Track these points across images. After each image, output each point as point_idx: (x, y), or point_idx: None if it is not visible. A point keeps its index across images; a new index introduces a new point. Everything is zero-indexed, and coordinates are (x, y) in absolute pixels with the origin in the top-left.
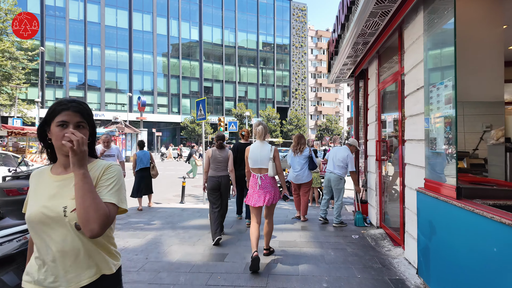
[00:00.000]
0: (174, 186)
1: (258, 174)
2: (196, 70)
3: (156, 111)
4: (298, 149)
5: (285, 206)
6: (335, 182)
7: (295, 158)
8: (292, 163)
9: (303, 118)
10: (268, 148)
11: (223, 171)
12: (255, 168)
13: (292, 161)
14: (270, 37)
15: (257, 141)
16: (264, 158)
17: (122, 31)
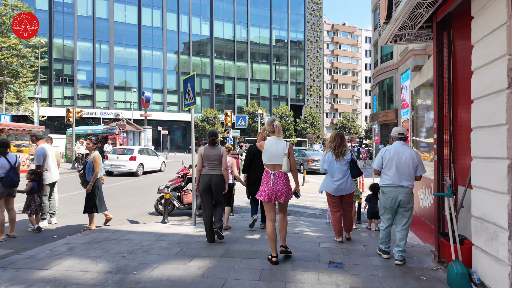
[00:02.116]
0: None
1: (272, 171)
2: (207, 67)
3: (166, 109)
4: (340, 152)
5: (308, 232)
6: (406, 199)
7: (335, 164)
8: (331, 169)
9: (318, 116)
10: (283, 144)
11: (215, 169)
12: (269, 164)
13: (331, 167)
14: (283, 32)
15: (272, 137)
16: (279, 154)
17: (131, 27)
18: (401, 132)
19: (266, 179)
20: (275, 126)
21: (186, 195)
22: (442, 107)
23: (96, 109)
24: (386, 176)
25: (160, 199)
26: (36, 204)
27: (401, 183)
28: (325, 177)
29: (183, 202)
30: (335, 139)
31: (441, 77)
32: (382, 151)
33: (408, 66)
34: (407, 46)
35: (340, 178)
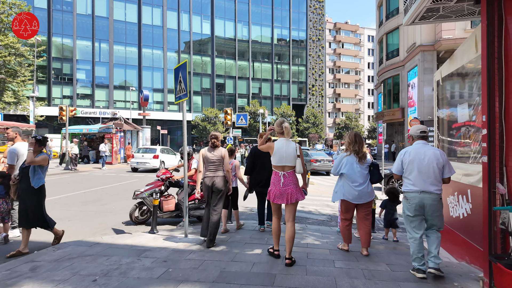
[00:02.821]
0: None
1: (281, 172)
2: (208, 66)
3: (167, 109)
4: (364, 155)
5: (318, 244)
6: (433, 207)
7: (357, 167)
8: (351, 173)
9: (321, 116)
10: (293, 146)
11: (216, 171)
12: (279, 166)
13: (351, 171)
14: (285, 31)
15: (281, 138)
16: (290, 155)
17: (131, 25)
18: (423, 130)
19: (276, 180)
20: (284, 127)
21: (167, 201)
22: (493, 95)
23: (95, 109)
24: (408, 181)
25: (139, 205)
26: (2, 210)
27: (426, 188)
28: (341, 183)
29: (163, 209)
30: (355, 140)
31: (492, 57)
32: (401, 153)
33: (415, 62)
34: (414, 42)
35: (362, 183)
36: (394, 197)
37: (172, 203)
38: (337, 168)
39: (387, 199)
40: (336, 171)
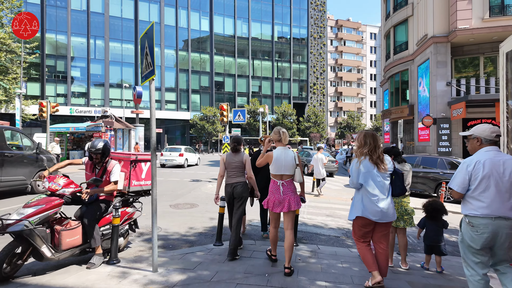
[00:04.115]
0: None
1: (280, 181)
2: (206, 64)
3: (164, 107)
4: (380, 159)
5: (339, 278)
6: (510, 236)
7: (377, 176)
8: (369, 183)
9: (322, 115)
10: (292, 154)
11: (237, 177)
12: (277, 175)
13: (371, 180)
14: (286, 28)
15: (280, 147)
16: (289, 164)
17: (127, 22)
18: (498, 134)
19: (274, 189)
20: (281, 133)
21: (69, 232)
22: None
23: (90, 107)
24: (479, 202)
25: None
26: None
27: (505, 214)
28: (358, 196)
29: (61, 246)
30: (366, 141)
31: None
32: (467, 163)
33: (427, 56)
34: (426, 34)
35: (384, 197)
36: (437, 214)
37: (77, 233)
38: (355, 179)
39: (427, 216)
40: (355, 182)
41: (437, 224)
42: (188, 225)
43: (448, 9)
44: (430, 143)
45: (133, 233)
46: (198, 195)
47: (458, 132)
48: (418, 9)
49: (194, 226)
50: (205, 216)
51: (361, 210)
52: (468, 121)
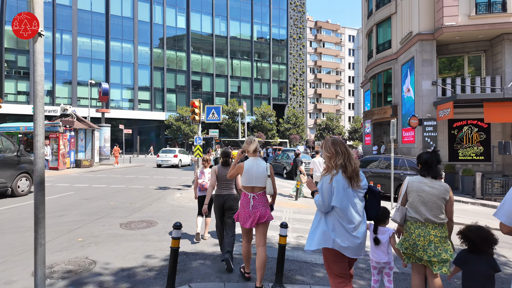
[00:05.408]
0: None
1: (251, 194)
2: (183, 62)
3: (137, 107)
4: (356, 173)
5: None
6: None
7: (352, 196)
8: (345, 205)
9: (302, 116)
10: (264, 165)
11: (229, 189)
12: (248, 187)
13: (346, 200)
14: (265, 27)
15: (251, 158)
16: (261, 176)
17: (97, 16)
18: None
19: (245, 202)
20: (253, 141)
21: None
22: None
23: (55, 106)
24: None
25: None
26: None
27: None
28: (327, 220)
29: None
30: (337, 150)
31: None
32: None
33: (412, 54)
34: (410, 31)
35: (361, 223)
36: (484, 247)
37: None
38: (329, 197)
39: (467, 249)
40: (327, 204)
41: (485, 263)
42: (136, 256)
43: (434, 5)
44: (415, 145)
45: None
46: (161, 208)
47: (444, 134)
48: (402, 6)
49: (145, 256)
50: (164, 240)
51: (331, 241)
52: (454, 122)
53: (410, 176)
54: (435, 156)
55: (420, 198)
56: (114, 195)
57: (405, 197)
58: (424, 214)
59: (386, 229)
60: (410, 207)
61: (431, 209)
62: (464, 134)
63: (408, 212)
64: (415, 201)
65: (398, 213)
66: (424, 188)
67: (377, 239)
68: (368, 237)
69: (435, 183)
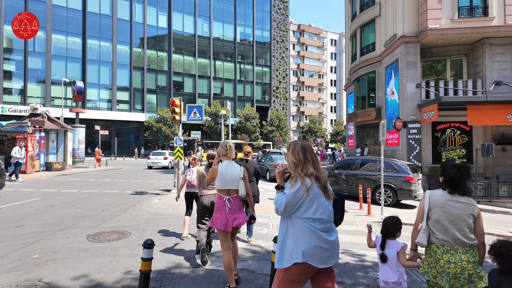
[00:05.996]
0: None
1: (226, 196)
2: (164, 62)
3: (115, 107)
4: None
5: None
6: None
7: (326, 204)
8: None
9: (285, 119)
10: (238, 168)
11: (214, 190)
12: (223, 190)
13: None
14: (249, 29)
15: (226, 161)
16: (235, 178)
17: (74, 12)
18: None
19: (220, 205)
20: (228, 147)
21: None
22: None
23: (27, 106)
24: None
25: None
26: None
27: None
28: (297, 232)
29: None
30: (307, 156)
31: None
32: None
33: (396, 56)
34: (395, 34)
35: (335, 230)
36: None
37: None
38: (292, 208)
39: (499, 270)
40: (286, 212)
41: None
42: (102, 276)
43: (418, 8)
44: (400, 147)
45: None
46: (136, 216)
47: (428, 136)
48: (386, 9)
49: (112, 276)
50: (137, 255)
51: (300, 253)
52: (438, 125)
53: (430, 190)
54: (464, 171)
55: (446, 215)
56: (84, 201)
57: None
58: (453, 233)
59: (394, 242)
60: (434, 225)
61: (460, 228)
62: (447, 137)
63: (432, 232)
64: (440, 219)
65: (425, 235)
66: (450, 203)
67: (384, 255)
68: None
69: (461, 198)
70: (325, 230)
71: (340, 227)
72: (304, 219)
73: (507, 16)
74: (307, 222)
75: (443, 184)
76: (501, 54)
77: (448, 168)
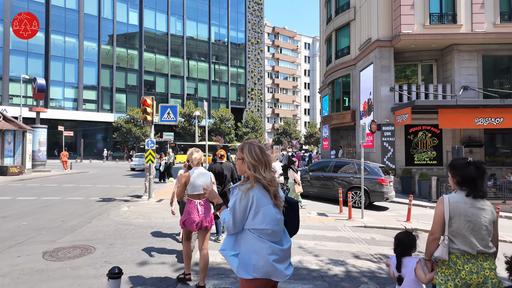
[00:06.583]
0: None
1: (197, 200)
2: (135, 61)
3: (82, 107)
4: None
5: None
6: None
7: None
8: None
9: (260, 121)
10: (208, 174)
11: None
12: (194, 195)
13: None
14: (223, 30)
15: (195, 168)
16: (206, 183)
17: (35, 5)
18: None
19: (191, 209)
20: (193, 158)
21: None
22: None
23: None
24: None
25: None
26: None
27: None
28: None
29: None
30: (260, 158)
31: None
32: None
33: (370, 60)
34: (369, 37)
35: (287, 239)
36: None
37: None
38: (241, 218)
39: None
40: (237, 225)
41: None
42: None
43: (392, 13)
44: (374, 150)
45: None
46: (103, 227)
47: (401, 139)
48: (361, 13)
49: None
50: (102, 275)
51: (252, 268)
52: (410, 128)
53: (448, 195)
54: (483, 168)
55: (469, 224)
56: (43, 210)
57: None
58: (477, 245)
59: (408, 259)
60: (454, 236)
61: (482, 238)
62: (419, 139)
63: (451, 241)
64: (462, 229)
65: (446, 248)
66: (473, 211)
67: (401, 278)
68: None
69: (481, 202)
70: (276, 240)
71: (322, 233)
72: (251, 230)
73: (474, 24)
74: (255, 233)
75: (460, 185)
76: (468, 60)
77: (463, 167)
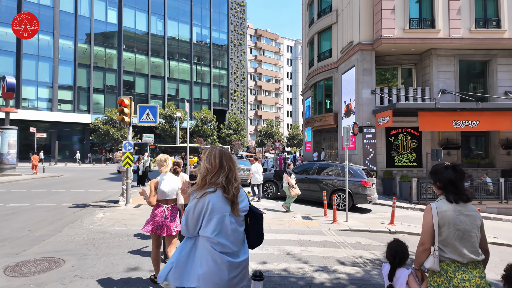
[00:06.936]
0: None
1: (165, 205)
2: (113, 60)
3: (57, 108)
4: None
5: None
6: None
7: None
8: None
9: (243, 122)
10: (177, 179)
11: None
12: (163, 200)
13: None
14: (205, 30)
15: (165, 173)
16: (174, 189)
17: (6, 0)
18: None
19: (159, 212)
20: (164, 160)
21: None
22: None
23: None
24: None
25: None
26: None
27: None
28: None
29: None
30: (222, 163)
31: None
32: None
33: (352, 63)
34: (351, 41)
35: (244, 251)
36: None
37: None
38: (196, 224)
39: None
40: (190, 231)
41: None
42: None
43: (373, 17)
44: (356, 152)
45: None
46: (75, 236)
47: (382, 141)
48: (343, 17)
49: None
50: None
51: (196, 277)
52: (391, 130)
53: (435, 203)
54: (460, 171)
55: (458, 232)
56: (8, 218)
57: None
58: (466, 254)
59: (400, 271)
60: (444, 245)
61: (472, 245)
62: (400, 142)
63: (442, 251)
64: (452, 238)
65: (437, 259)
66: (461, 218)
67: (391, 287)
68: None
69: (468, 207)
70: (229, 252)
71: (308, 238)
72: (205, 238)
73: (451, 29)
74: (208, 241)
75: (442, 190)
76: (445, 64)
77: (442, 171)
